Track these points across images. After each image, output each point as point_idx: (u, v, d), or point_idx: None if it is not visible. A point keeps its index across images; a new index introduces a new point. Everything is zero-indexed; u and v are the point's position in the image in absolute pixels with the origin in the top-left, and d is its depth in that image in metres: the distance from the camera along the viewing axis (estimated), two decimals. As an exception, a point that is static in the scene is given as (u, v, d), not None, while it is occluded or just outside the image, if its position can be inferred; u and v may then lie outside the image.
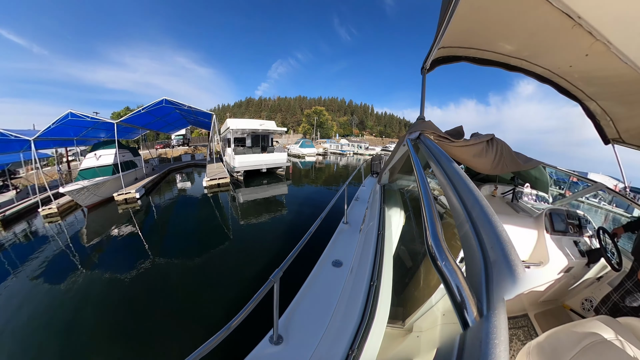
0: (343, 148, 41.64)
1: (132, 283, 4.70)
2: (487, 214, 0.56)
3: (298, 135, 66.18)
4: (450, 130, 1.65)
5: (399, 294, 2.04)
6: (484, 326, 0.38)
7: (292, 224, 7.92)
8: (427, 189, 0.86)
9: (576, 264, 2.07)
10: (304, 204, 10.06)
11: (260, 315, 1.45)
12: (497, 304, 0.40)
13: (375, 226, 2.29)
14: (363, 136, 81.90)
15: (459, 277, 0.48)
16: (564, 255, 2.04)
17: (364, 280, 1.62)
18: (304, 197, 11.24)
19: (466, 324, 0.42)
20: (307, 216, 8.59)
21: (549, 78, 2.24)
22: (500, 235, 0.49)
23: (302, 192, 12.50)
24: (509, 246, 0.46)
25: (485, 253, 0.49)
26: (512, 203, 3.04)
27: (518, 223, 2.22)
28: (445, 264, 0.51)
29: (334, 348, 1.24)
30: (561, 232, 2.15)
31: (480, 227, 0.55)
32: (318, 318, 1.51)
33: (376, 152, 42.59)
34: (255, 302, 1.20)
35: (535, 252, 2.12)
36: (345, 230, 2.81)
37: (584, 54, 1.69)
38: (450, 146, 1.46)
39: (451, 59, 2.28)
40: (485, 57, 2.20)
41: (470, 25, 1.80)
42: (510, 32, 1.85)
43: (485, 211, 0.57)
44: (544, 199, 3.40)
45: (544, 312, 2.43)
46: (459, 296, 0.45)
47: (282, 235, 7.23)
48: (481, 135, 1.51)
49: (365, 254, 1.98)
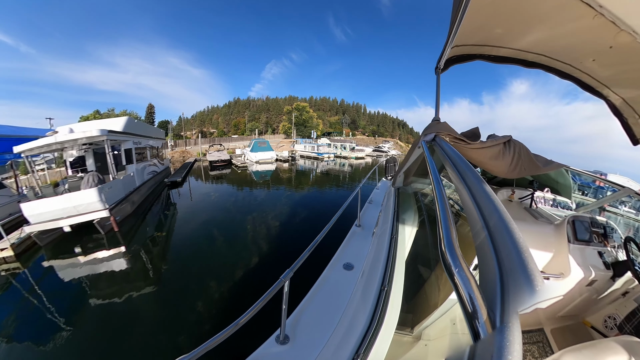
0: (320, 150, 31.05)
1: None
2: (504, 220, 0.53)
3: (280, 136, 59.01)
4: (466, 131, 1.60)
5: (409, 300, 2.00)
6: (496, 339, 0.36)
7: (301, 230, 7.89)
8: (442, 193, 0.84)
9: (600, 276, 1.94)
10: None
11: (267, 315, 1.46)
12: (512, 316, 0.38)
13: (389, 230, 2.26)
14: (354, 135, 76.42)
15: (472, 285, 0.46)
16: (586, 267, 1.92)
17: (375, 285, 1.60)
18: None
19: (477, 336, 0.40)
20: (316, 220, 8.52)
21: (570, 74, 2.11)
22: (518, 243, 0.47)
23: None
24: (527, 255, 0.44)
25: (501, 261, 0.47)
26: (530, 209, 2.91)
27: (537, 230, 2.12)
28: (458, 271, 0.50)
29: (340, 351, 1.22)
30: (584, 242, 2.02)
31: (496, 233, 0.53)
32: (326, 320, 1.51)
33: (379, 154, 37.62)
34: (264, 301, 1.21)
35: (555, 263, 2.01)
36: (357, 233, 2.80)
37: (608, 45, 1.57)
38: (466, 148, 1.42)
39: (465, 57, 2.21)
40: (501, 54, 2.11)
41: (484, 21, 1.73)
42: (526, 26, 1.75)
43: (502, 217, 0.54)
44: (566, 205, 3.21)
45: (562, 327, 2.29)
46: (471, 305, 0.43)
47: (294, 234, 7.32)
48: (498, 137, 1.45)
49: (377, 257, 1.96)
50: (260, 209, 9.90)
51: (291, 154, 28.68)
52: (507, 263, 0.45)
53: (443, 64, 2.02)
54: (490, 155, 1.40)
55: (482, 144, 1.41)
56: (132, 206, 8.97)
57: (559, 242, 2.05)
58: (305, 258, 1.54)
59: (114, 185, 7.82)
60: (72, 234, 6.88)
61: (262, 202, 11.01)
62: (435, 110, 2.08)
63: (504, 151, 1.39)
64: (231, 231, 7.73)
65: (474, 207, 0.66)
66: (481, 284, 0.49)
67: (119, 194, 8.07)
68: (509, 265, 0.45)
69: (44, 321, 4.08)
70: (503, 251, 0.48)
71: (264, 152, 24.27)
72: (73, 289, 5.01)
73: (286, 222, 8.59)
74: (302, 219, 9.00)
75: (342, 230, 2.80)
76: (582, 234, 2.04)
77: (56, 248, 6.59)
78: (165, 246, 6.87)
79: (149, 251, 6.48)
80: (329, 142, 35.10)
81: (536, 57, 2.05)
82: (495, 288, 0.44)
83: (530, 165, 1.46)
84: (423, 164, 2.20)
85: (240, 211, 9.68)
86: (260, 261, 5.87)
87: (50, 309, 4.36)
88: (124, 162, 9.95)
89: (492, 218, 0.57)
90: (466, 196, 0.73)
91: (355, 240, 2.61)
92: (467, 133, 1.58)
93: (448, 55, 1.93)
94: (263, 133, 67.17)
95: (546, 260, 2.04)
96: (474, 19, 1.61)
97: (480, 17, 1.65)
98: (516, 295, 0.40)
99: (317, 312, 1.58)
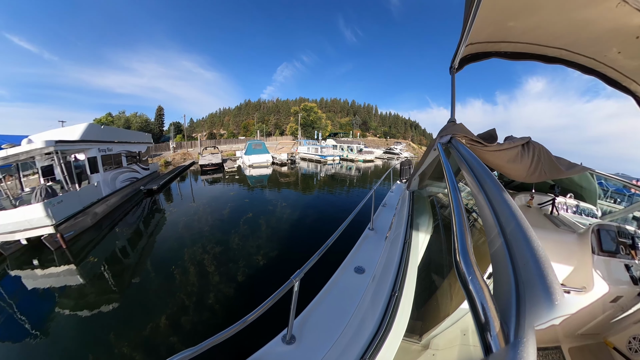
0: (323, 152, 28.75)
1: None
2: (521, 227, 0.50)
3: (288, 137, 56.84)
4: (483, 133, 1.54)
5: (420, 307, 1.95)
6: (509, 355, 0.34)
7: (314, 229, 7.59)
8: (457, 197, 0.82)
9: (626, 292, 1.81)
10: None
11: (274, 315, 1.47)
12: (527, 331, 0.36)
13: (402, 234, 2.22)
14: (365, 137, 72.99)
15: (485, 295, 0.44)
16: (612, 281, 1.78)
17: (385, 290, 1.58)
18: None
19: (489, 349, 0.38)
20: (328, 222, 8.26)
21: (594, 68, 1.97)
22: (536, 252, 0.44)
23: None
24: (546, 265, 0.41)
25: (517, 271, 0.44)
26: (551, 216, 2.76)
27: (558, 239, 2.00)
28: (471, 278, 0.48)
29: (345, 355, 1.21)
30: (610, 253, 1.88)
31: (513, 241, 0.50)
32: (333, 323, 1.50)
33: (394, 155, 34.36)
34: (273, 300, 1.22)
35: (576, 275, 1.88)
36: (370, 236, 2.78)
37: (634, 36, 1.46)
38: (482, 151, 1.37)
39: (480, 55, 2.13)
40: (518, 50, 2.01)
41: (499, 15, 1.65)
42: (544, 18, 1.65)
43: (520, 224, 0.51)
44: (590, 212, 3.03)
45: (581, 347, 2.14)
46: (484, 316, 0.41)
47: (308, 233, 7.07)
48: (516, 139, 1.39)
49: (389, 262, 1.93)
50: (241, 224, 8.61)
51: (290, 157, 26.56)
52: (524, 273, 0.43)
53: (457, 63, 1.96)
54: (507, 158, 1.34)
55: (499, 146, 1.35)
56: (94, 218, 8.71)
57: (581, 253, 1.92)
58: (317, 259, 1.54)
59: (66, 199, 7.42)
60: (33, 247, 6.81)
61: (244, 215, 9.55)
62: (451, 111, 2.02)
63: (523, 153, 1.32)
64: (203, 247, 6.89)
65: (490, 212, 0.63)
66: (495, 294, 0.47)
67: (73, 208, 7.70)
68: (526, 276, 0.42)
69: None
70: (520, 260, 0.45)
71: (258, 155, 22.43)
72: (26, 301, 5.01)
73: (275, 237, 7.58)
74: (307, 229, 8.44)
75: (355, 232, 2.79)
76: (608, 244, 1.90)
77: (19, 259, 6.65)
78: (133, 259, 6.45)
79: (111, 266, 6.15)
80: (335, 144, 32.46)
81: (556, 51, 1.94)
82: (510, 299, 0.41)
83: (552, 169, 1.38)
84: (439, 167, 2.14)
85: (215, 225, 8.55)
86: (234, 286, 5.20)
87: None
88: (88, 171, 9.51)
89: (509, 224, 0.54)
90: (482, 201, 0.71)
91: (368, 243, 2.59)
92: (483, 135, 1.53)
93: (462, 53, 1.87)
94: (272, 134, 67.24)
95: (567, 272, 1.91)
96: (489, 14, 1.55)
97: (495, 12, 1.58)
98: (533, 309, 0.38)
99: (325, 314, 1.57)
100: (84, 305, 4.70)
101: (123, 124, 42.31)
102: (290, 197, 12.58)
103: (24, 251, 6.96)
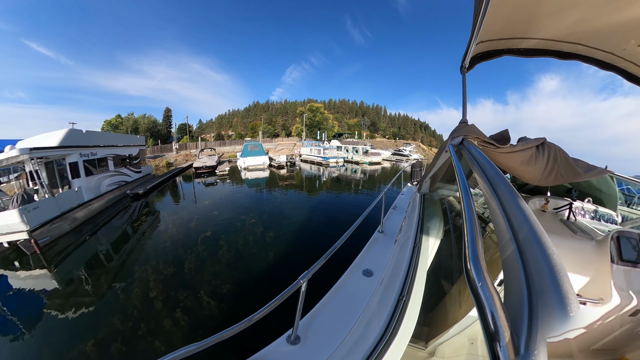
0: (326, 153, 26.97)
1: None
2: (535, 232, 0.48)
3: (294, 138, 55.36)
4: (495, 134, 1.50)
5: (427, 312, 1.91)
6: None
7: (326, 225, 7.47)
8: (469, 201, 0.79)
9: None
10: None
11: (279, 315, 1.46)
12: (539, 343, 0.34)
13: (412, 238, 2.18)
14: (374, 138, 71.69)
15: (495, 303, 0.42)
16: (632, 293, 1.67)
17: (393, 294, 1.56)
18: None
19: None
20: (339, 221, 8.08)
21: (612, 63, 1.87)
22: (551, 260, 0.41)
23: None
24: (562, 274, 0.38)
25: (530, 279, 0.42)
26: (567, 221, 2.64)
27: (574, 246, 1.91)
28: (482, 285, 0.46)
29: (349, 358, 1.19)
30: (631, 263, 1.76)
31: (526, 247, 0.48)
32: (339, 325, 1.48)
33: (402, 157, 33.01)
34: (280, 300, 1.22)
35: (594, 286, 1.78)
36: (379, 239, 2.75)
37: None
38: (495, 152, 1.33)
39: (492, 54, 2.07)
40: (531, 47, 1.93)
41: (511, 10, 1.59)
42: (558, 12, 1.57)
43: (534, 229, 0.49)
44: (610, 218, 2.88)
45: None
46: (493, 325, 0.39)
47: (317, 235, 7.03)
48: (530, 140, 1.34)
49: (398, 266, 1.91)
50: (231, 227, 8.52)
51: (290, 159, 25.32)
52: (538, 281, 0.41)
53: (468, 62, 1.90)
54: (521, 160, 1.29)
55: (512, 147, 1.31)
56: (73, 223, 8.75)
57: (600, 262, 1.81)
58: (325, 261, 1.53)
59: (42, 205, 7.65)
60: (16, 249, 7.16)
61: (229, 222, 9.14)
62: (463, 112, 1.97)
63: (537, 155, 1.27)
64: (186, 249, 6.86)
65: (502, 216, 0.61)
66: (506, 303, 0.45)
67: (50, 213, 7.90)
68: (540, 285, 0.40)
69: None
70: (533, 267, 0.43)
71: (253, 157, 21.47)
72: (9, 300, 5.16)
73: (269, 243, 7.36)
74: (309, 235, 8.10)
75: (364, 235, 2.76)
76: (629, 253, 1.78)
77: (5, 260, 7.01)
78: (115, 263, 6.47)
79: (88, 269, 6.19)
80: (340, 145, 30.73)
81: (572, 46, 1.85)
82: (522, 309, 0.39)
83: (569, 171, 1.32)
84: (450, 169, 2.09)
85: (200, 229, 8.40)
86: (221, 294, 5.08)
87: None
88: (69, 176, 9.59)
89: (522, 230, 0.52)
90: (494, 204, 0.68)
91: (377, 246, 2.56)
92: (496, 136, 1.48)
93: (473, 52, 1.82)
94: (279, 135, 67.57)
95: (583, 282, 1.82)
96: (499, 10, 1.49)
97: (506, 7, 1.53)
98: (546, 320, 0.35)
99: (332, 316, 1.56)
100: (54, 307, 4.79)
101: (131, 125, 43.99)
102: (287, 202, 12.12)
103: (9, 254, 7.29)
